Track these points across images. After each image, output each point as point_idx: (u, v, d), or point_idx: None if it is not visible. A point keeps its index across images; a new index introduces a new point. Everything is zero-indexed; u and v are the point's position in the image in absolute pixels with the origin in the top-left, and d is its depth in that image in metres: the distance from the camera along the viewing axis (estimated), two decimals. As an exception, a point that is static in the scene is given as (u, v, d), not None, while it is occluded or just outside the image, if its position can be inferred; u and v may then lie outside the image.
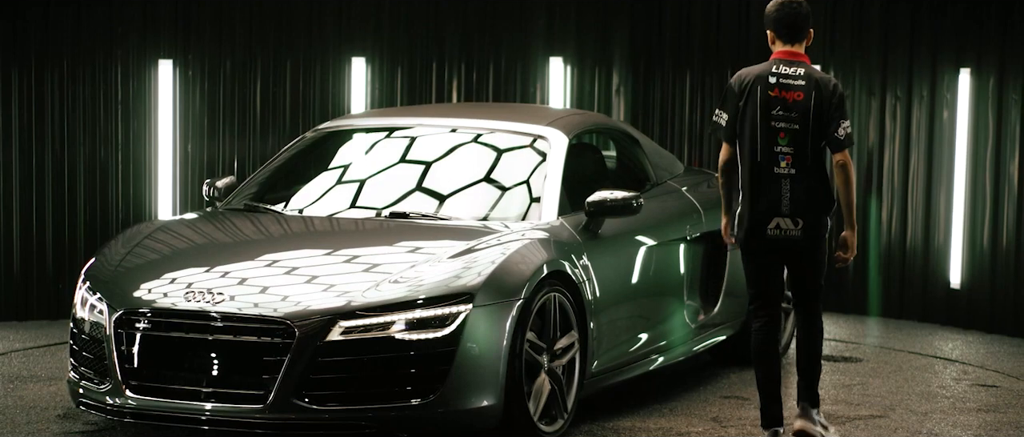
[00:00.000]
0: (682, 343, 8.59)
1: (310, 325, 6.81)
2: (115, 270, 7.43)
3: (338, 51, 11.52)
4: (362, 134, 8.69)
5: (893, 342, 10.36)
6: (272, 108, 11.41)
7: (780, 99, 7.17)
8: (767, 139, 7.14)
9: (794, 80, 7.24)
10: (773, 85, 7.20)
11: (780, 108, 7.17)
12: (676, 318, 8.56)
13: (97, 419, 7.63)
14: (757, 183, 7.16)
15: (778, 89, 7.19)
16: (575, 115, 8.90)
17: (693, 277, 8.73)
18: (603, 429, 7.67)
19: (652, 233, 8.38)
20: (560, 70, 11.96)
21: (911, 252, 11.19)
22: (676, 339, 8.54)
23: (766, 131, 7.15)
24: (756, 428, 7.75)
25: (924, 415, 8.19)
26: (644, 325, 8.26)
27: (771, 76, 7.21)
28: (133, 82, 11.03)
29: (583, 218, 7.91)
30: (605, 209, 7.86)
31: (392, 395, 6.83)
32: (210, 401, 6.87)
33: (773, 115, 7.16)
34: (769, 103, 7.17)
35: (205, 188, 8.56)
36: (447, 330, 6.88)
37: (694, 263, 8.74)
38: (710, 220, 8.75)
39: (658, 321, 8.39)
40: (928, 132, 11.04)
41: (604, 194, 7.87)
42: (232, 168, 11.27)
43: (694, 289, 8.73)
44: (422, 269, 7.10)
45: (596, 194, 7.90)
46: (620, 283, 8.04)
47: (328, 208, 8.07)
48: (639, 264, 8.23)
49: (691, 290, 8.71)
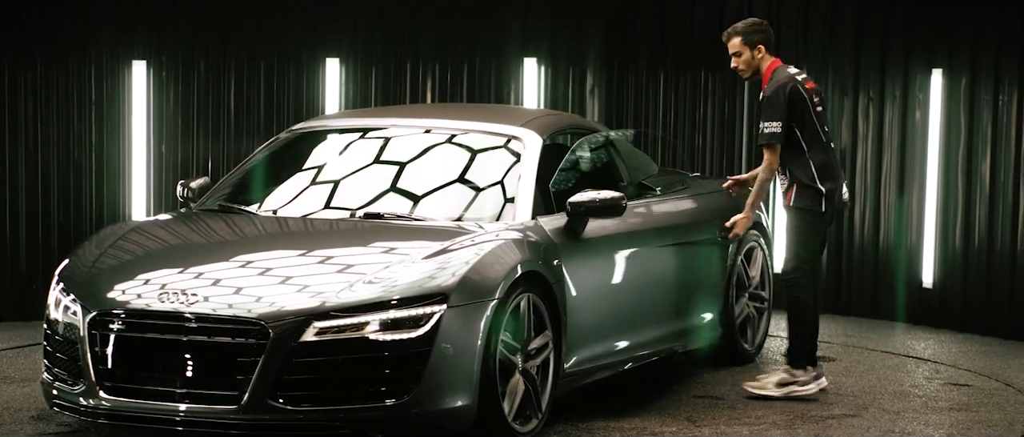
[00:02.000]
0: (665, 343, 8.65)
1: (284, 326, 6.81)
2: (89, 271, 7.42)
3: (312, 52, 11.53)
4: (336, 135, 8.69)
5: (866, 341, 10.40)
6: (246, 109, 11.40)
7: (814, 90, 8.57)
8: (824, 125, 8.53)
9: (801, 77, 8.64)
10: (802, 82, 8.53)
11: (817, 98, 8.56)
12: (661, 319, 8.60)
13: (71, 420, 7.62)
14: (834, 163, 8.52)
15: (807, 84, 8.57)
16: (549, 116, 8.92)
17: (687, 278, 8.80)
18: (577, 429, 7.69)
19: (641, 235, 8.42)
20: (534, 71, 11.98)
21: (883, 252, 11.24)
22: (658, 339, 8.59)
23: (821, 119, 8.52)
24: (730, 427, 7.78)
25: (897, 414, 8.22)
26: (624, 326, 8.27)
27: (797, 76, 8.55)
28: (107, 83, 11.02)
29: (562, 218, 7.92)
30: (588, 209, 7.87)
31: (366, 395, 6.83)
32: (184, 402, 6.86)
33: (816, 103, 8.53)
34: (811, 97, 8.51)
35: (179, 189, 8.55)
36: (421, 330, 6.88)
37: (687, 264, 8.81)
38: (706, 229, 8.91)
39: (639, 322, 8.41)
40: (900, 132, 11.09)
41: (591, 194, 7.88)
42: (206, 169, 11.26)
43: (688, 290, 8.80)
44: (396, 270, 7.10)
45: (580, 194, 7.91)
46: (598, 284, 8.05)
47: (302, 209, 8.07)
48: (622, 265, 8.25)
49: (683, 291, 8.76)
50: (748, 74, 8.65)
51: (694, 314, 8.97)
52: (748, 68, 8.62)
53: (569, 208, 7.88)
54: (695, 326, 8.99)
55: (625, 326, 8.31)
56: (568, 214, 7.89)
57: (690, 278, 8.93)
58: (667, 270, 8.73)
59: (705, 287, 9.03)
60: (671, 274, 8.77)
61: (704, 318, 9.06)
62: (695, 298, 8.96)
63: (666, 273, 8.72)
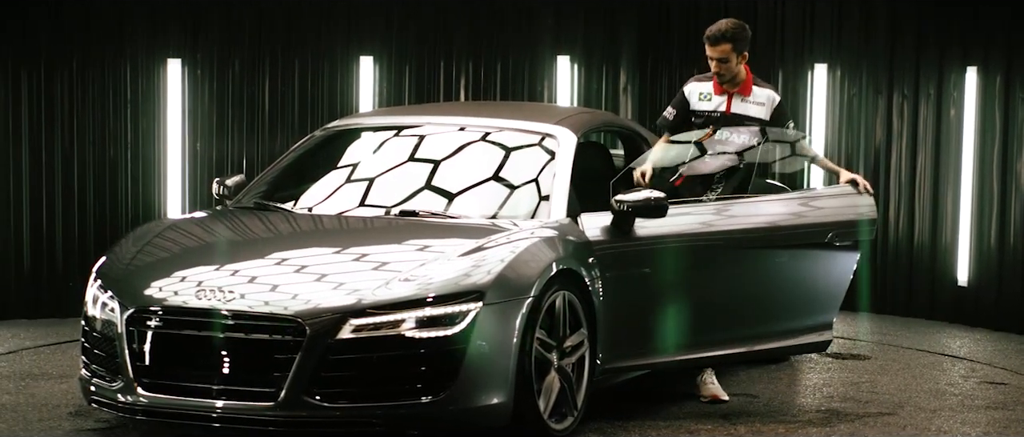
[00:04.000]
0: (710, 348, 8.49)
1: (321, 323, 6.83)
2: (126, 268, 7.45)
3: (346, 50, 11.55)
4: (371, 133, 8.70)
5: (901, 340, 10.38)
6: (281, 107, 11.44)
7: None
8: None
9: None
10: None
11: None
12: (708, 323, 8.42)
13: (109, 416, 7.66)
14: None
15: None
16: (583, 114, 8.91)
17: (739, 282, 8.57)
18: (612, 426, 7.69)
19: (690, 236, 8.22)
20: (567, 69, 11.98)
21: (918, 250, 11.21)
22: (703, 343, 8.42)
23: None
24: (765, 425, 7.77)
25: (933, 412, 8.20)
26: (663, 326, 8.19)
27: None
28: (142, 81, 11.06)
29: (607, 216, 7.86)
30: (632, 208, 7.81)
31: (402, 393, 6.84)
32: (221, 399, 6.88)
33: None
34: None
35: (215, 186, 8.58)
36: (457, 328, 6.89)
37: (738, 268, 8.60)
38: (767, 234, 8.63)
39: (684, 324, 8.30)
40: (935, 130, 11.06)
41: (635, 194, 7.80)
42: (241, 167, 11.30)
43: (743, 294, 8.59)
44: (432, 267, 7.11)
45: (624, 193, 7.84)
46: (637, 283, 7.99)
47: (337, 206, 8.08)
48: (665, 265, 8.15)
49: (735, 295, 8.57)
50: (726, 79, 8.42)
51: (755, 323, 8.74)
52: (730, 76, 8.41)
53: (612, 206, 7.84)
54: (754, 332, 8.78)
55: (665, 327, 8.22)
56: (612, 212, 7.86)
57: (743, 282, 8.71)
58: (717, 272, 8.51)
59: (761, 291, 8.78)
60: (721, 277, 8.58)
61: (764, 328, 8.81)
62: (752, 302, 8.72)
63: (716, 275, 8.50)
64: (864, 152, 11.39)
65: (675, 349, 8.24)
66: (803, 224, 8.63)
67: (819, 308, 8.71)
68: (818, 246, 8.63)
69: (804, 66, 11.64)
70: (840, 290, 8.79)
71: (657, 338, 8.14)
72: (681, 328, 8.26)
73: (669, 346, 8.21)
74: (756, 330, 8.52)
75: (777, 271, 8.61)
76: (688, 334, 8.26)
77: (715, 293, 8.38)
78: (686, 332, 8.26)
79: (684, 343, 8.26)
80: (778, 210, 8.63)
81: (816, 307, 8.70)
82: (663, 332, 8.17)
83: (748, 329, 8.50)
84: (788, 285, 8.64)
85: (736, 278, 8.43)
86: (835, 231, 8.64)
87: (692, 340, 8.28)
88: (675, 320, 8.26)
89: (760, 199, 8.67)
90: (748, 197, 8.62)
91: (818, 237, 8.61)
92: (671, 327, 8.24)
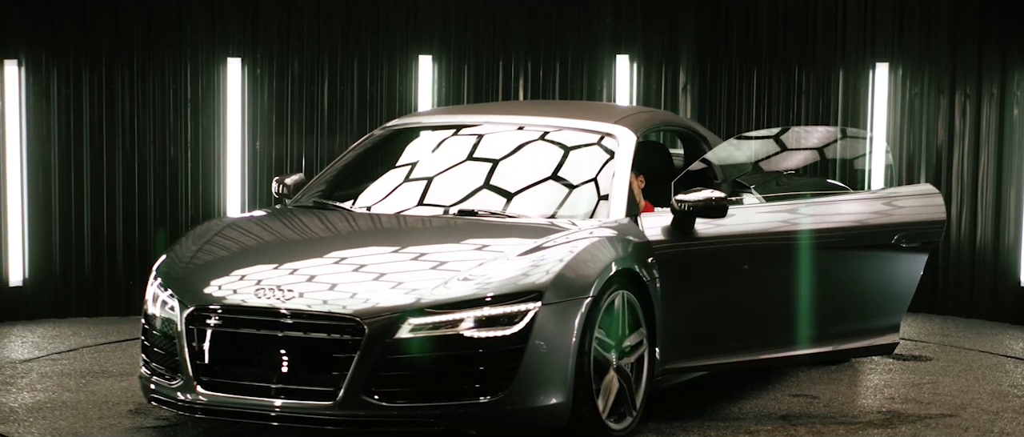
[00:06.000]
0: (772, 349, 8.43)
1: (379, 322, 6.83)
2: (186, 267, 7.48)
3: (405, 49, 11.56)
4: (429, 132, 8.71)
5: (963, 341, 10.29)
6: (339, 106, 11.46)
7: None
8: None
9: None
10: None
11: None
12: (770, 324, 8.38)
13: (168, 414, 7.69)
14: None
15: None
16: (643, 113, 8.87)
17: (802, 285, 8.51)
18: (671, 426, 7.66)
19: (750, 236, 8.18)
20: (626, 68, 11.95)
21: (981, 251, 11.12)
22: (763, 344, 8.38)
23: None
24: (825, 426, 7.72)
25: (995, 414, 8.13)
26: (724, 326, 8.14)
27: None
28: (202, 80, 11.11)
29: (668, 216, 7.83)
30: (692, 208, 7.75)
31: (461, 392, 6.84)
32: (280, 397, 6.90)
33: None
34: None
35: (274, 185, 8.60)
36: (516, 328, 6.88)
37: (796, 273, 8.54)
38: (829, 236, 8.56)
39: (745, 324, 8.25)
40: (998, 130, 10.96)
41: (695, 194, 7.76)
42: (300, 166, 11.33)
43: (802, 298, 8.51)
44: (490, 267, 7.10)
45: (685, 193, 7.81)
46: (697, 283, 7.94)
47: (396, 206, 8.09)
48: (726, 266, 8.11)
49: (798, 297, 8.51)
50: None
51: (818, 325, 8.68)
52: None
53: (672, 206, 7.81)
54: (817, 334, 8.62)
55: (726, 328, 8.16)
56: (673, 212, 7.82)
57: (806, 283, 8.63)
58: (781, 277, 8.42)
59: (824, 293, 8.70)
60: (785, 281, 8.52)
61: (829, 330, 8.68)
62: (816, 307, 8.64)
63: (779, 279, 8.42)
64: (926, 152, 11.30)
65: (735, 350, 8.20)
66: (869, 225, 8.58)
67: (885, 311, 8.64)
68: (885, 247, 8.57)
69: (865, 66, 11.56)
70: (907, 293, 8.72)
71: (717, 339, 8.10)
72: (741, 329, 8.22)
73: (729, 347, 8.17)
74: (819, 332, 8.44)
75: (841, 272, 8.54)
76: (748, 335, 8.22)
77: (776, 294, 8.33)
78: (746, 333, 8.22)
79: (744, 344, 8.22)
80: (843, 210, 8.59)
81: (883, 310, 8.63)
82: (723, 333, 8.13)
83: (811, 331, 8.42)
84: (853, 286, 8.57)
85: (799, 279, 8.38)
86: (902, 233, 8.57)
87: (752, 341, 8.24)
88: (735, 321, 8.22)
89: (824, 200, 8.63)
90: (809, 197, 8.57)
91: (885, 238, 8.55)
92: (731, 328, 8.20)
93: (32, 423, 7.60)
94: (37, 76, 10.63)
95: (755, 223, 8.21)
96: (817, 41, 11.67)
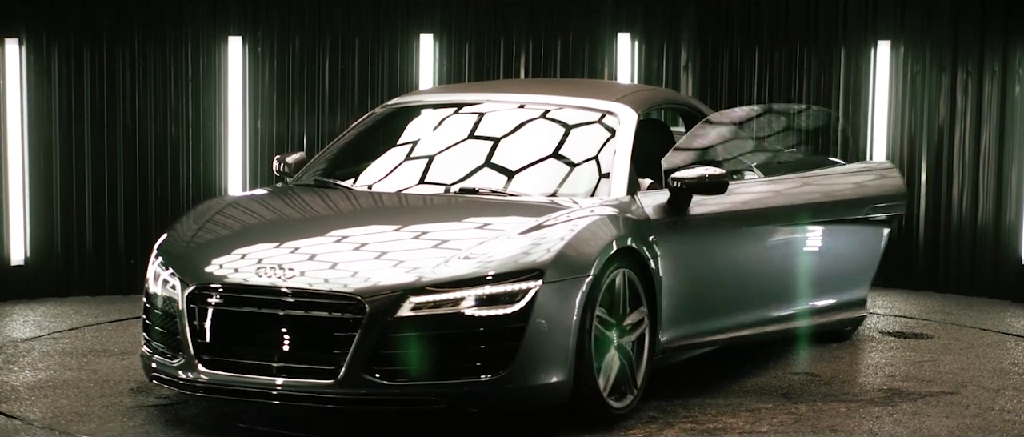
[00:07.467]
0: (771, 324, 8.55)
1: (380, 301, 6.83)
2: (187, 245, 7.48)
3: (406, 28, 11.55)
4: (430, 110, 8.70)
5: (964, 319, 10.29)
6: (340, 85, 11.45)
7: None
8: None
9: None
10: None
11: None
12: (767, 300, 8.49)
13: (170, 393, 7.70)
14: None
15: None
16: (644, 91, 8.87)
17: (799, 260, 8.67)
18: (672, 404, 7.67)
19: (748, 214, 8.34)
20: (628, 46, 11.93)
21: (982, 228, 11.12)
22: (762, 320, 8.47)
23: None
24: (827, 404, 7.73)
25: (996, 391, 8.13)
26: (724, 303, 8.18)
27: None
28: (203, 59, 11.10)
29: (665, 194, 7.85)
30: (689, 186, 7.79)
31: (462, 371, 6.84)
32: (281, 376, 6.90)
33: None
34: None
35: (275, 164, 8.60)
36: (517, 306, 6.88)
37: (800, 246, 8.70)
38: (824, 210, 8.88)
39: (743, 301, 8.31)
40: (999, 107, 10.95)
41: (694, 171, 7.80)
42: (301, 144, 11.33)
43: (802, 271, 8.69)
44: (491, 245, 7.10)
45: (683, 170, 7.83)
46: (697, 261, 7.96)
47: (397, 184, 8.09)
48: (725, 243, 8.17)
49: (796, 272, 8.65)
50: None
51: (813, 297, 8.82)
52: None
53: (670, 183, 7.81)
54: (814, 309, 8.86)
55: (726, 304, 8.21)
56: (670, 190, 7.83)
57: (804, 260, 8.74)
58: (777, 250, 8.58)
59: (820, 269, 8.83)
60: (782, 255, 8.61)
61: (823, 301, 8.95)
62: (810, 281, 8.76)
63: (775, 253, 8.57)
64: (928, 130, 11.29)
65: (736, 326, 8.25)
66: (848, 198, 9.09)
67: (858, 281, 9.25)
68: (857, 221, 9.12)
69: (867, 44, 11.55)
70: (874, 261, 9.36)
71: (717, 315, 8.13)
72: (741, 305, 8.26)
73: (730, 323, 8.21)
74: (813, 305, 8.84)
75: (830, 244, 8.92)
76: (748, 311, 8.28)
77: (774, 269, 8.46)
78: (746, 309, 8.28)
79: (744, 320, 8.27)
80: (833, 183, 9.06)
81: (856, 281, 9.23)
82: (723, 309, 8.16)
83: (804, 304, 8.78)
84: (837, 258, 9.01)
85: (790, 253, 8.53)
86: (872, 205, 9.18)
87: (752, 317, 8.30)
88: (734, 297, 8.25)
89: (816, 173, 9.07)
90: (802, 172, 8.94)
91: (860, 210, 9.12)
92: (731, 304, 8.23)
93: (34, 402, 7.61)
94: (38, 55, 10.62)
95: (747, 200, 8.36)
96: (818, 18, 11.65)
